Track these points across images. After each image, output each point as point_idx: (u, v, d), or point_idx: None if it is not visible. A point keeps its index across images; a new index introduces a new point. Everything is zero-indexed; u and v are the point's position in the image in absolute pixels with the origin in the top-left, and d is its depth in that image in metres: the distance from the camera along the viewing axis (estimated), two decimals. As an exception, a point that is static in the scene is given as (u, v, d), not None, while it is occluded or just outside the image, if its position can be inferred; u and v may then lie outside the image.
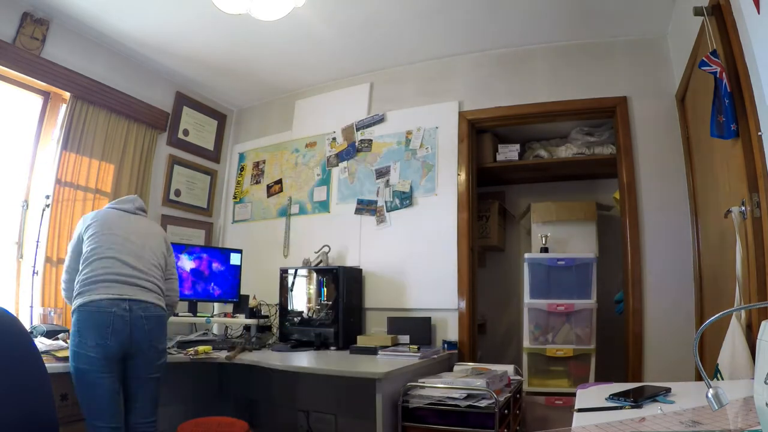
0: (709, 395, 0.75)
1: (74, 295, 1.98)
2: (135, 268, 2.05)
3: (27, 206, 2.79)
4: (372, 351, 2.64)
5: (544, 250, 3.25)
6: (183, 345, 2.68)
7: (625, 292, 2.82)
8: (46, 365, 1.44)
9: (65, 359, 1.96)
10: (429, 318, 3.04)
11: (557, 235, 3.34)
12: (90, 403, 1.86)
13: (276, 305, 3.29)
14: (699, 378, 1.85)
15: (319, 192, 3.60)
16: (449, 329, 3.05)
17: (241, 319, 3.16)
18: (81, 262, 2.03)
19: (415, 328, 2.99)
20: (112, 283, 1.97)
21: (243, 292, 3.30)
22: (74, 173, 2.91)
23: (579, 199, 3.52)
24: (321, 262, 3.30)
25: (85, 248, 2.05)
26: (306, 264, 3.32)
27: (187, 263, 3.09)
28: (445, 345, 2.94)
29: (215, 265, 3.21)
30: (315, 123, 3.72)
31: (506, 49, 3.24)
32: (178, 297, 2.34)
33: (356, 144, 3.51)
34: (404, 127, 3.38)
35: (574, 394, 1.29)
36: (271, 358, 2.48)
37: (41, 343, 2.14)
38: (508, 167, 3.53)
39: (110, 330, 1.89)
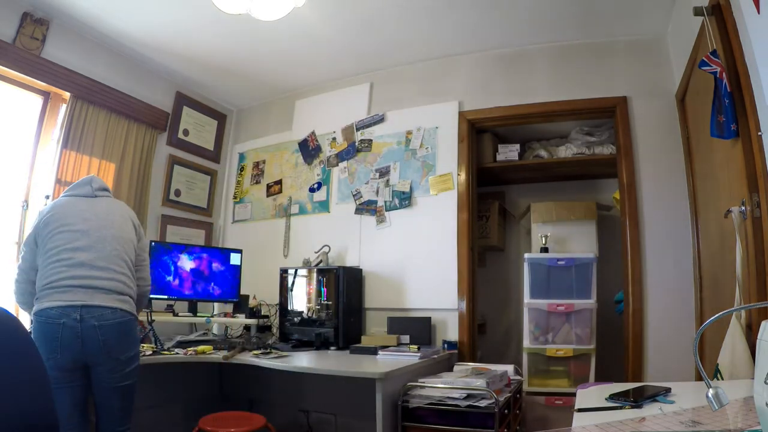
0: (709, 395, 0.75)
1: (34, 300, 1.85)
2: (93, 266, 1.86)
3: (27, 206, 2.79)
4: (372, 351, 2.64)
5: (544, 250, 3.25)
6: (183, 345, 2.68)
7: (625, 292, 2.82)
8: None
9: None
10: (429, 318, 3.04)
11: (557, 235, 3.34)
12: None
13: (276, 305, 3.29)
14: (699, 378, 1.85)
15: (319, 192, 3.60)
16: (449, 329, 3.05)
17: (241, 319, 3.16)
18: (39, 264, 1.88)
19: (415, 328, 2.99)
20: (66, 288, 1.80)
21: (243, 292, 3.30)
22: (74, 173, 2.91)
23: (579, 199, 3.52)
24: (321, 262, 3.30)
25: (41, 249, 1.89)
26: (306, 264, 3.32)
27: (187, 263, 3.09)
28: (445, 345, 2.93)
29: (215, 265, 3.21)
30: (315, 123, 3.72)
31: (506, 49, 3.24)
32: (148, 286, 2.12)
33: (356, 144, 3.51)
34: (404, 127, 3.38)
35: (574, 394, 1.29)
36: (270, 357, 2.48)
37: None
38: (508, 167, 3.52)
39: (59, 343, 1.74)
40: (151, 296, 2.93)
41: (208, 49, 3.25)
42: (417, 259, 3.17)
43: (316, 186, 3.62)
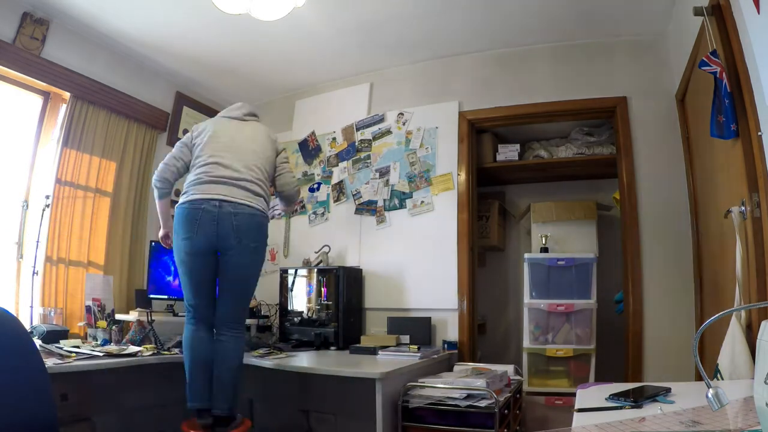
0: (709, 395, 0.75)
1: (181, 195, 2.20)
2: (234, 169, 2.16)
3: (27, 206, 2.79)
4: (372, 351, 2.64)
5: (544, 250, 3.25)
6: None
7: (625, 292, 2.82)
8: (46, 365, 1.44)
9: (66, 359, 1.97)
10: (429, 318, 3.04)
11: (557, 235, 3.34)
12: (183, 287, 2.15)
13: (276, 305, 3.29)
14: (699, 378, 1.85)
15: (319, 192, 3.59)
16: (449, 329, 3.05)
17: (241, 319, 3.15)
18: (190, 167, 2.24)
19: (415, 328, 2.99)
20: (209, 184, 2.11)
21: (243, 292, 3.29)
22: (74, 172, 2.91)
23: (579, 199, 3.52)
24: (321, 262, 3.30)
25: (194, 154, 2.25)
26: (306, 264, 3.32)
27: (187, 263, 3.07)
28: (445, 345, 2.94)
29: (215, 265, 3.19)
30: (315, 123, 3.72)
31: (506, 49, 3.24)
32: (293, 187, 2.45)
33: (356, 144, 3.51)
34: (404, 127, 3.38)
35: (574, 394, 1.29)
36: (271, 357, 2.49)
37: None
38: (508, 167, 3.52)
39: (197, 225, 2.05)
40: (151, 296, 2.94)
41: (208, 49, 3.24)
42: (417, 259, 3.17)
43: (316, 186, 3.62)
